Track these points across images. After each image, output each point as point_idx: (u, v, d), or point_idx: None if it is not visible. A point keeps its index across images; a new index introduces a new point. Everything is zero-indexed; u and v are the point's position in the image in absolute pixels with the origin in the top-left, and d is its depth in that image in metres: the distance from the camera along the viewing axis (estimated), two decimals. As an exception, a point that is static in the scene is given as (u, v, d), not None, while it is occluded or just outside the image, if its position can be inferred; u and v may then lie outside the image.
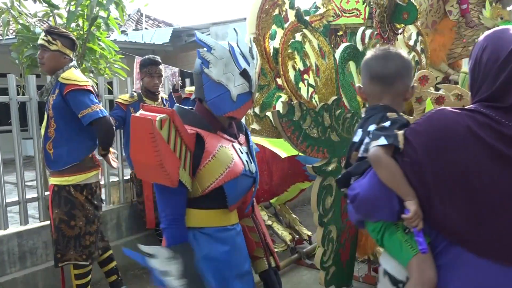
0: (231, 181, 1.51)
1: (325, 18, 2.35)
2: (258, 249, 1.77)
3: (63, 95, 2.53)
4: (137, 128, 1.36)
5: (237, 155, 1.56)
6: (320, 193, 2.31)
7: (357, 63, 2.54)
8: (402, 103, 1.51)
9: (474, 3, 4.24)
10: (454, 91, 2.52)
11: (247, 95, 1.54)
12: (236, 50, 1.51)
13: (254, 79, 1.54)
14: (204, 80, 1.51)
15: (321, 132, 2.25)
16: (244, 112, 1.59)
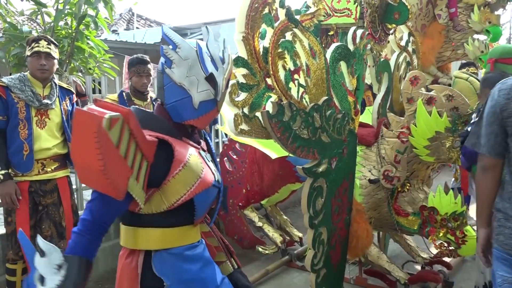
0: (202, 193, 1.38)
1: (316, 17, 2.32)
2: (219, 253, 1.65)
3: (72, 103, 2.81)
4: (81, 124, 1.14)
5: (206, 164, 1.45)
6: (310, 195, 2.28)
7: (348, 63, 2.51)
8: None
9: (462, 7, 4.25)
10: (445, 92, 2.51)
11: (211, 103, 1.41)
12: (204, 52, 1.38)
13: (221, 86, 1.41)
14: (165, 80, 1.37)
15: (312, 133, 2.21)
16: (206, 122, 1.46)
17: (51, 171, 2.65)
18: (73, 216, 2.76)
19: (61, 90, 2.78)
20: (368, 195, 2.73)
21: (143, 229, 1.38)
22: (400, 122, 2.65)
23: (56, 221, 2.66)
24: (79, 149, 1.16)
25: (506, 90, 1.59)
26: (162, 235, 1.38)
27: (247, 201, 3.37)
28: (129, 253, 1.42)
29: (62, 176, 2.72)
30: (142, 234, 1.39)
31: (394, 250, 3.52)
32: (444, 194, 2.53)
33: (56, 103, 2.69)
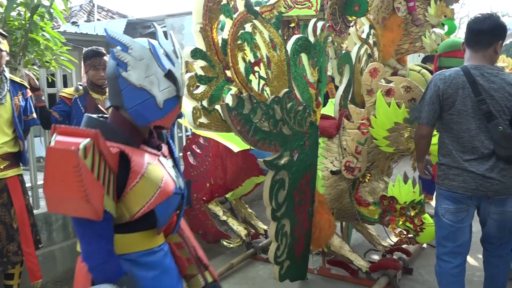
0: (163, 202, 1.34)
1: (276, 9, 2.30)
2: (190, 266, 1.60)
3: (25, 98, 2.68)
4: (56, 161, 1.12)
5: (166, 172, 1.39)
6: (272, 187, 2.28)
7: (309, 55, 2.52)
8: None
9: (420, 1, 4.34)
10: (403, 84, 2.55)
11: (175, 100, 1.37)
12: (158, 49, 1.32)
13: (180, 81, 1.38)
14: (121, 85, 1.30)
15: (273, 125, 2.21)
16: (172, 120, 1.41)
17: (0, 171, 2.52)
18: (28, 216, 2.64)
19: (13, 84, 2.63)
20: (330, 186, 2.76)
21: None
22: (361, 113, 2.68)
23: (6, 223, 2.53)
24: (56, 184, 1.14)
25: (445, 79, 2.19)
26: (118, 240, 1.33)
27: (211, 195, 3.34)
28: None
29: (13, 175, 2.58)
30: None
31: (357, 239, 3.59)
32: (403, 184, 2.60)
33: (6, 98, 2.55)
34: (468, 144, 2.17)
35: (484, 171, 2.14)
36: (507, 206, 2.20)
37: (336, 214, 2.84)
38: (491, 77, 2.15)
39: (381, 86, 2.59)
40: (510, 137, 2.10)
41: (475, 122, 2.15)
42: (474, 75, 2.15)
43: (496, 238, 2.32)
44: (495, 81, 2.14)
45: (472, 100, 2.14)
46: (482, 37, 2.19)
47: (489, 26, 2.18)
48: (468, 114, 2.16)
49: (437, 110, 2.22)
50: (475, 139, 2.15)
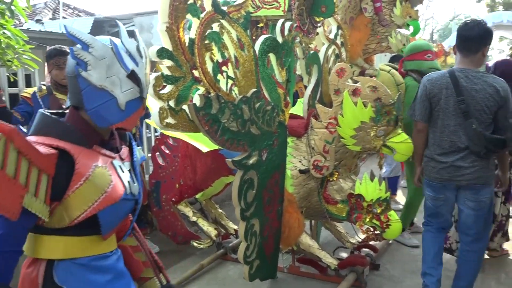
0: (108, 208, 1.28)
1: (244, 9, 2.30)
2: (146, 269, 1.57)
3: None
4: None
5: (117, 176, 1.34)
6: (241, 187, 2.28)
7: (277, 55, 2.53)
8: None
9: (386, 2, 4.44)
10: (369, 83, 2.61)
11: (138, 102, 1.32)
12: (120, 48, 1.28)
13: (144, 82, 1.34)
14: (81, 84, 1.25)
15: (241, 125, 2.21)
16: (134, 122, 1.38)
17: None
18: None
19: None
20: (299, 185, 2.78)
21: (46, 236, 1.29)
22: (328, 113, 2.72)
23: None
24: None
25: (432, 80, 2.51)
26: (66, 244, 1.29)
27: (181, 196, 3.31)
28: (31, 262, 1.32)
29: None
30: (45, 242, 1.29)
31: (326, 237, 3.63)
32: (370, 182, 2.65)
33: None
34: (447, 138, 2.46)
35: (456, 161, 2.43)
36: (480, 195, 2.45)
37: (305, 213, 2.86)
38: (474, 79, 2.40)
39: (347, 86, 2.64)
40: (480, 135, 2.35)
41: (455, 119, 2.42)
42: (458, 77, 2.41)
43: (472, 230, 2.52)
44: (478, 83, 2.39)
45: (454, 99, 2.41)
46: (472, 43, 2.42)
47: (478, 33, 2.41)
48: (449, 112, 2.44)
49: (427, 107, 2.52)
50: (454, 134, 2.43)
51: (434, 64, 3.53)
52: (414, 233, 3.90)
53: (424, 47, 3.59)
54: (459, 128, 2.41)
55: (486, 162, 2.42)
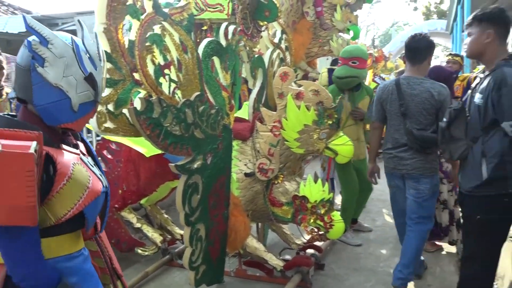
0: (92, 202, 1.29)
1: (186, 11, 2.27)
2: (103, 276, 1.53)
3: None
4: (6, 167, 1.06)
5: (90, 170, 1.33)
6: (185, 192, 2.25)
7: (221, 59, 2.52)
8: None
9: (327, 6, 4.56)
10: (312, 87, 2.67)
11: (91, 105, 1.31)
12: (81, 49, 1.26)
13: (101, 86, 1.32)
14: (34, 79, 1.21)
15: (184, 129, 2.18)
16: (84, 124, 1.37)
17: None
18: None
19: None
20: (244, 188, 2.79)
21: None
22: (272, 116, 2.75)
23: None
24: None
25: (383, 87, 2.96)
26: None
27: (124, 202, 3.20)
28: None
29: None
30: None
31: (273, 239, 3.67)
32: (314, 183, 2.71)
33: None
34: (393, 135, 2.88)
35: (399, 153, 2.83)
36: (420, 184, 2.80)
37: (251, 216, 2.87)
38: (414, 85, 2.77)
39: (291, 89, 2.68)
40: (411, 133, 2.72)
41: (398, 120, 2.83)
42: (401, 84, 2.81)
43: (414, 214, 2.87)
44: (416, 89, 2.75)
45: (397, 103, 2.81)
46: (419, 54, 2.78)
47: (424, 44, 2.77)
48: (394, 114, 2.85)
49: (380, 109, 2.95)
50: (397, 132, 2.83)
51: (355, 72, 3.64)
52: (357, 232, 4.04)
53: (352, 53, 3.69)
54: (400, 127, 2.80)
55: (425, 156, 2.76)
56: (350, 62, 3.64)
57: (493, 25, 2.19)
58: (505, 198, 2.10)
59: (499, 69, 2.11)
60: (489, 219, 2.15)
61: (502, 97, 2.05)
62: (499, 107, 2.06)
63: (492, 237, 2.20)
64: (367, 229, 4.12)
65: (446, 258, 3.49)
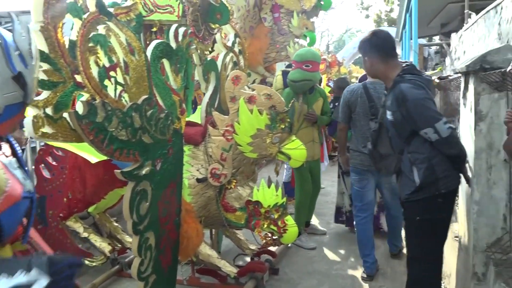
0: (10, 208, 1.17)
1: (133, 11, 2.20)
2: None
3: None
4: None
5: (10, 173, 1.22)
6: (133, 200, 2.15)
7: (171, 61, 2.45)
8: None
9: (284, 13, 4.61)
10: (264, 91, 2.65)
11: (19, 107, 1.21)
12: (10, 45, 1.15)
13: (31, 87, 1.21)
14: None
15: (131, 134, 2.08)
16: (10, 128, 1.25)
17: None
18: None
19: None
20: (197, 194, 2.73)
21: None
22: (225, 120, 2.71)
23: None
24: None
25: (351, 91, 3.32)
26: None
27: (69, 211, 3.04)
28: None
29: None
30: None
31: (228, 245, 3.62)
32: (267, 188, 2.69)
33: None
34: (364, 135, 3.17)
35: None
36: (392, 179, 3.05)
37: (204, 222, 2.81)
38: (379, 89, 3.12)
39: (243, 93, 2.65)
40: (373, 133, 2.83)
41: (367, 120, 3.16)
42: (369, 88, 3.21)
43: (391, 204, 3.42)
44: (381, 93, 3.03)
45: (367, 105, 3.18)
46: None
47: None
48: (364, 115, 3.19)
49: (347, 111, 3.31)
50: (368, 132, 3.10)
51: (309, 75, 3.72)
52: (311, 235, 4.06)
53: (305, 56, 3.75)
54: (371, 127, 3.08)
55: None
56: (304, 66, 3.69)
57: (367, 52, 2.42)
58: (438, 199, 2.22)
59: (396, 86, 2.26)
60: (427, 219, 2.26)
61: (409, 111, 2.20)
62: (411, 120, 2.21)
63: (432, 237, 2.30)
64: (321, 232, 4.16)
65: (397, 258, 3.58)
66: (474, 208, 2.18)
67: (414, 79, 2.26)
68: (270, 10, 4.60)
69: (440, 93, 4.73)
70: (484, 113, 2.14)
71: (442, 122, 2.15)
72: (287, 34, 4.70)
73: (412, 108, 2.19)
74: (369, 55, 2.42)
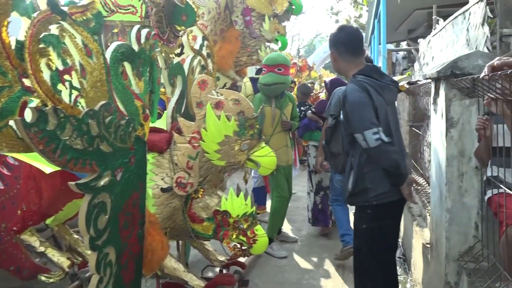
0: None
1: (90, 11, 2.05)
2: None
3: None
4: None
5: None
6: (90, 213, 1.99)
7: (133, 64, 2.31)
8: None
9: (255, 16, 4.54)
10: (232, 96, 2.55)
11: None
12: None
13: None
14: None
15: (87, 142, 1.93)
16: None
17: None
18: None
19: None
20: (161, 204, 2.59)
21: None
22: (191, 127, 2.59)
23: None
24: None
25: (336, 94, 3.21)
26: None
27: (24, 223, 2.83)
28: None
29: None
30: None
31: (195, 256, 3.49)
32: (236, 197, 2.58)
33: None
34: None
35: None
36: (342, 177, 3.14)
37: (169, 233, 2.68)
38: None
39: (210, 98, 2.54)
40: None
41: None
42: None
43: (342, 197, 3.61)
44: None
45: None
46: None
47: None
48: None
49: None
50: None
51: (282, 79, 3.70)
52: (282, 242, 3.98)
53: (277, 60, 3.73)
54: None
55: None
56: (276, 69, 3.65)
57: (332, 47, 2.43)
58: (368, 210, 2.22)
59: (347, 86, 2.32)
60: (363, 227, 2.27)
61: (346, 112, 2.22)
62: (348, 122, 2.24)
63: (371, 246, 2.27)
64: (293, 240, 4.09)
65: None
66: (446, 216, 2.15)
67: (364, 81, 2.24)
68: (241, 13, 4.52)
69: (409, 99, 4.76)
70: (455, 119, 2.11)
71: (371, 132, 2.12)
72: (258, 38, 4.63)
73: (349, 110, 2.21)
74: (333, 50, 2.42)
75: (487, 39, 2.43)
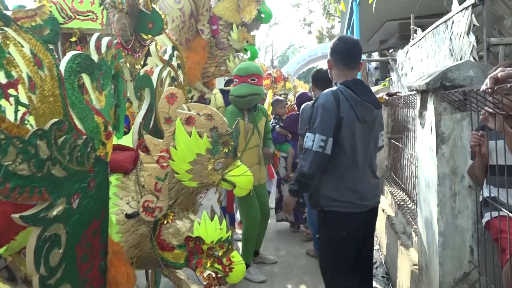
0: None
1: (40, 16, 1.80)
2: None
3: None
4: None
5: None
6: (39, 249, 1.72)
7: (92, 76, 2.07)
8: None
9: (223, 25, 4.36)
10: (204, 111, 2.33)
11: None
12: None
13: None
14: None
15: (36, 167, 1.66)
16: None
17: None
18: None
19: None
20: (127, 232, 2.32)
21: None
22: (159, 145, 2.34)
23: None
24: None
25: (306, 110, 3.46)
26: None
27: (-30, 255, 2.51)
28: None
29: None
30: None
31: (168, 282, 3.21)
32: (210, 221, 2.34)
33: None
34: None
35: None
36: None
37: (136, 263, 2.41)
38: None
39: (180, 113, 2.31)
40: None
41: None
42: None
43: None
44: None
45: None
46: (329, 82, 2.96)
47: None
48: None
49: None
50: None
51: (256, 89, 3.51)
52: (260, 265, 3.75)
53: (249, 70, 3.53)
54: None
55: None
56: (249, 79, 3.44)
57: (329, 55, 2.54)
58: (320, 214, 2.40)
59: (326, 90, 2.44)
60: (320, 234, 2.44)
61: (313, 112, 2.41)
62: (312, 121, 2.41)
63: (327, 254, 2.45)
64: (271, 261, 3.86)
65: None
66: (439, 240, 1.98)
67: (341, 90, 2.37)
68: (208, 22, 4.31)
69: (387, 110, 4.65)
70: (446, 135, 1.96)
71: (310, 137, 2.36)
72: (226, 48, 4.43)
73: (315, 111, 2.39)
74: (330, 58, 2.55)
75: (473, 49, 2.31)
